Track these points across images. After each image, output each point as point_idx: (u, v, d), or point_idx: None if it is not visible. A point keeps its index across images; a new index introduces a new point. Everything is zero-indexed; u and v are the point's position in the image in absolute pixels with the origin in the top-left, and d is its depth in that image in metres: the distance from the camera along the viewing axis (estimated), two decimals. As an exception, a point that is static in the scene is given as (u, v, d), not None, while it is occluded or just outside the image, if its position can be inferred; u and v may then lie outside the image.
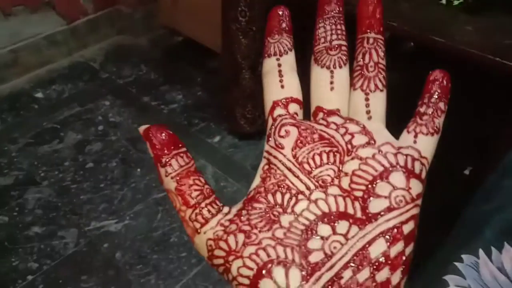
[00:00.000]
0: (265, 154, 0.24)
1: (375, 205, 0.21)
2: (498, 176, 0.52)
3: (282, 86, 0.25)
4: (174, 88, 1.80)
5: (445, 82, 0.24)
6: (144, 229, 1.28)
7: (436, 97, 0.24)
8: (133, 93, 1.79)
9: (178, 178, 0.22)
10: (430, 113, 0.24)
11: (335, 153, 0.23)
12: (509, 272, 0.42)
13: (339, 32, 0.26)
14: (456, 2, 0.82)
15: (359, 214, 0.21)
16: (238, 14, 1.24)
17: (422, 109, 0.24)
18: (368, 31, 0.25)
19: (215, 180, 1.41)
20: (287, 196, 0.22)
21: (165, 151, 0.22)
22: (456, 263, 0.44)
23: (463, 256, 0.44)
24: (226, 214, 0.22)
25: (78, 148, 1.54)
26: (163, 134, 0.23)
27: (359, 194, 0.21)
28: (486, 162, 0.78)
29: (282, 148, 0.23)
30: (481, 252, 0.44)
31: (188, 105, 1.72)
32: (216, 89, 1.75)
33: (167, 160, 0.22)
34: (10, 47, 1.78)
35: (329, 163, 0.22)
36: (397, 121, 0.29)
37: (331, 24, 0.26)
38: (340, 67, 0.25)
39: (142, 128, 0.23)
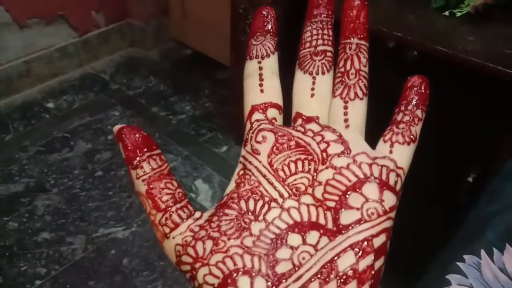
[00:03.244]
0: (241, 159, 0.23)
1: (346, 217, 0.20)
2: (501, 180, 0.53)
3: (262, 91, 0.24)
4: (182, 99, 1.83)
5: (423, 89, 0.24)
6: (151, 236, 1.30)
7: (414, 104, 0.23)
8: (142, 104, 1.82)
9: (149, 181, 0.22)
10: (407, 121, 0.23)
11: (310, 161, 0.22)
12: (511, 273, 0.42)
13: (325, 37, 0.25)
14: (458, 14, 0.85)
15: (330, 225, 0.20)
16: (246, 26, 1.28)
17: (398, 117, 0.23)
18: (351, 36, 0.24)
19: (222, 188, 1.42)
20: (259, 203, 0.21)
21: (138, 153, 0.22)
22: (459, 263, 0.45)
23: (465, 256, 0.45)
24: (197, 219, 0.22)
25: (88, 156, 1.57)
26: (137, 135, 0.22)
27: (331, 204, 0.21)
28: (489, 169, 0.80)
29: (258, 154, 0.23)
30: (483, 252, 0.45)
31: (196, 116, 1.75)
32: (223, 100, 1.78)
33: (139, 162, 0.22)
34: (24, 58, 1.82)
35: (304, 171, 0.22)
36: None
37: (318, 29, 0.25)
38: (323, 73, 0.24)
39: (116, 128, 0.22)
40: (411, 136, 0.23)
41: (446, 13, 0.86)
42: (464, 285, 0.43)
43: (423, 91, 0.24)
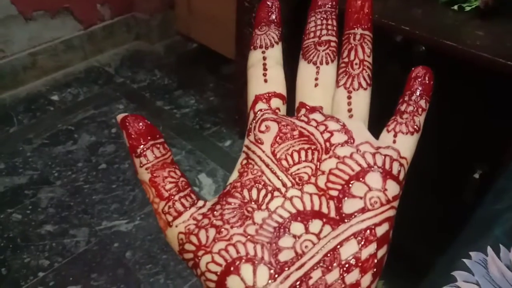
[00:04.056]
0: (244, 148, 0.23)
1: (349, 206, 0.20)
2: (507, 179, 0.53)
3: (266, 80, 0.24)
4: (187, 93, 1.83)
5: (427, 79, 0.24)
6: (154, 230, 1.29)
7: (418, 94, 0.23)
8: (147, 98, 1.82)
9: (152, 169, 0.22)
10: (411, 111, 0.23)
11: (314, 151, 0.22)
12: (518, 270, 0.42)
13: (329, 27, 0.25)
14: (467, 8, 0.83)
15: (333, 214, 0.20)
16: (252, 19, 1.27)
17: (402, 107, 0.23)
18: (355, 26, 0.24)
19: (225, 183, 1.41)
20: (262, 192, 0.21)
21: (141, 141, 0.22)
22: (465, 260, 0.44)
23: (471, 253, 0.45)
24: (200, 208, 0.22)
25: (92, 149, 1.57)
26: (140, 124, 0.22)
27: (334, 193, 0.21)
28: (495, 167, 0.79)
29: (262, 143, 0.23)
30: (489, 249, 0.45)
31: (201, 110, 1.75)
32: (228, 94, 1.77)
33: (143, 150, 0.22)
34: (29, 50, 1.82)
35: (307, 161, 0.22)
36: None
37: (322, 19, 0.25)
38: (327, 63, 0.24)
39: (119, 117, 0.22)
40: (415, 126, 0.23)
41: (455, 7, 0.85)
42: (470, 282, 0.43)
43: (427, 81, 0.24)
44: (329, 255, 0.19)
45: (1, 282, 1.18)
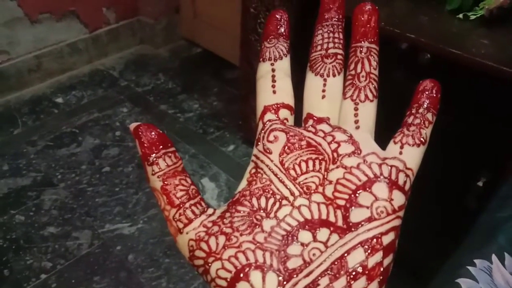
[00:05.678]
0: (253, 158, 0.24)
1: (356, 215, 0.21)
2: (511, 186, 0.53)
3: (274, 92, 0.25)
4: (191, 97, 1.84)
5: (434, 93, 0.24)
6: (157, 233, 1.30)
7: (425, 107, 0.24)
8: (150, 101, 1.83)
9: (164, 177, 0.22)
10: (417, 123, 0.23)
11: (321, 161, 0.22)
12: (522, 278, 0.42)
13: (336, 40, 0.25)
14: (472, 17, 0.84)
15: (340, 223, 0.21)
16: (257, 25, 1.27)
17: (409, 120, 0.24)
18: (362, 40, 0.25)
19: (228, 187, 1.42)
20: (271, 201, 0.22)
21: (153, 150, 0.22)
22: (469, 267, 0.45)
23: (476, 260, 0.45)
24: (210, 215, 0.22)
25: (95, 152, 1.57)
26: (153, 133, 0.22)
27: (341, 202, 0.21)
28: (498, 175, 0.79)
29: (270, 153, 0.23)
30: (494, 257, 0.45)
31: (204, 114, 1.75)
32: (231, 99, 1.78)
33: (155, 159, 0.22)
34: (35, 52, 1.83)
35: (315, 171, 0.22)
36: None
37: (329, 32, 0.26)
38: (334, 75, 0.25)
39: (132, 126, 0.23)
40: (421, 139, 0.23)
41: (460, 15, 0.85)
42: (475, 290, 0.43)
43: (435, 95, 0.24)
44: (336, 263, 0.20)
45: (3, 283, 1.18)
